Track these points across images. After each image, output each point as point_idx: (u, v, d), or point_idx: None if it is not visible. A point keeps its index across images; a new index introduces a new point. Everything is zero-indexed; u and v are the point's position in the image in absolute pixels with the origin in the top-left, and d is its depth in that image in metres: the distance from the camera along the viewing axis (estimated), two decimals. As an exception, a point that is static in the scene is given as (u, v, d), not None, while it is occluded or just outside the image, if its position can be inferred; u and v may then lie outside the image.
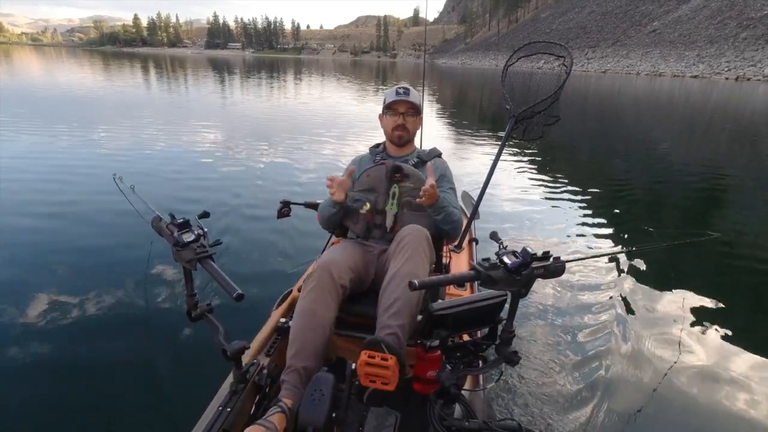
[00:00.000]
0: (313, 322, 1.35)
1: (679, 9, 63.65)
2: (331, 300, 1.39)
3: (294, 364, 1.30)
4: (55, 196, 4.20)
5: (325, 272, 1.41)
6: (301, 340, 1.33)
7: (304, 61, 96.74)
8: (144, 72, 27.44)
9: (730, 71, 40.48)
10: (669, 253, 3.41)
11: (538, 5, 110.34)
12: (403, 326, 1.29)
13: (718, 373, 2.11)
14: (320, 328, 1.35)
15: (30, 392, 1.84)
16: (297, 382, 1.28)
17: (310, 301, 1.38)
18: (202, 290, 2.51)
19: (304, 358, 1.31)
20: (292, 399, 1.23)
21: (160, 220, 1.17)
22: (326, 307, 1.38)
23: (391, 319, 1.29)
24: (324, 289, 1.39)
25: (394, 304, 1.31)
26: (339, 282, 1.42)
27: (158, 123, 8.63)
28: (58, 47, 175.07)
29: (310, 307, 1.37)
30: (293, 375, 1.29)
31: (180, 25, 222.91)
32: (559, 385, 1.94)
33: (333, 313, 1.40)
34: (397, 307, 1.30)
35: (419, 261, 1.40)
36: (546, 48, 2.10)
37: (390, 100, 1.72)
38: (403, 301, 1.31)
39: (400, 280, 1.34)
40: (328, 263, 1.44)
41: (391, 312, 1.30)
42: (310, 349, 1.32)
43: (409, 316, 1.32)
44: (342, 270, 1.45)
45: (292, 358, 1.31)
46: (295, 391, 1.26)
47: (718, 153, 8.36)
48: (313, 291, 1.39)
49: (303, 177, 5.29)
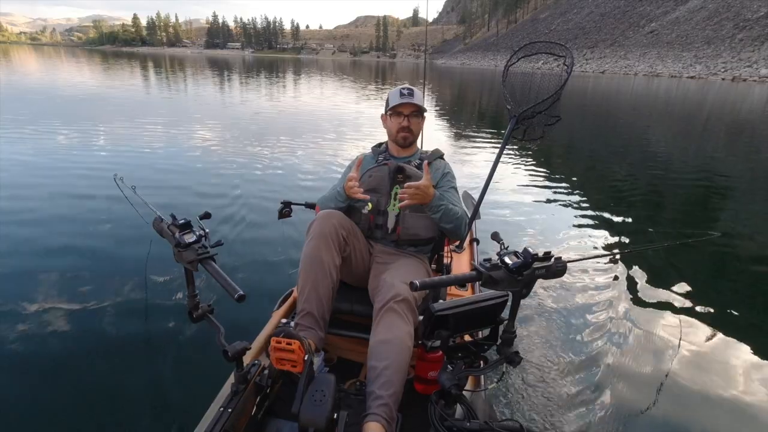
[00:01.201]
0: (320, 268, 1.41)
1: (677, 10, 63.86)
2: (333, 247, 1.46)
3: (306, 307, 1.39)
4: (55, 197, 4.19)
5: (327, 221, 1.48)
6: (312, 287, 1.40)
7: (303, 61, 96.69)
8: (144, 72, 27.41)
9: (727, 72, 40.69)
10: (670, 253, 3.41)
11: (537, 6, 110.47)
12: (394, 394, 1.23)
13: (719, 372, 2.12)
14: (327, 276, 1.42)
15: (30, 393, 1.84)
16: (313, 323, 1.37)
17: (315, 247, 1.44)
18: (204, 291, 2.51)
19: (314, 302, 1.39)
20: (310, 338, 1.30)
21: (161, 221, 1.17)
22: (329, 252, 1.44)
23: (382, 389, 1.21)
24: (326, 234, 1.45)
25: (383, 373, 1.24)
26: (340, 231, 1.48)
27: (159, 123, 8.62)
28: (57, 47, 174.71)
29: (316, 252, 1.43)
30: (308, 318, 1.38)
31: (179, 24, 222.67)
32: (561, 386, 1.94)
33: (337, 260, 1.46)
34: (387, 376, 1.23)
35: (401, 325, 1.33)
36: (547, 48, 2.10)
37: (394, 103, 1.69)
38: (392, 369, 1.25)
39: (385, 346, 1.28)
40: (328, 213, 1.52)
41: (381, 381, 1.23)
42: (320, 293, 1.40)
43: (399, 382, 1.25)
44: (342, 222, 1.52)
45: (305, 303, 1.39)
46: (312, 332, 1.35)
47: (716, 153, 8.37)
48: (316, 237, 1.45)
49: (304, 177, 5.28)
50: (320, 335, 1.39)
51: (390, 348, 1.28)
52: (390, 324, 1.33)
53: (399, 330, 1.32)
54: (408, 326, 1.35)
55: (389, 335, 1.30)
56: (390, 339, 1.29)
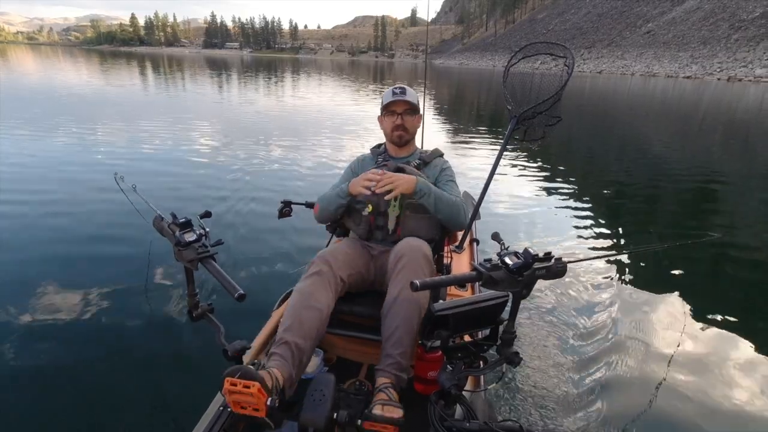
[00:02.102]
0: (309, 302, 1.33)
1: (673, 11, 64.12)
2: (330, 289, 1.40)
3: (285, 337, 1.24)
4: (56, 196, 4.18)
5: (325, 263, 1.43)
6: (296, 317, 1.29)
7: (301, 61, 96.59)
8: (142, 71, 27.34)
9: (722, 72, 40.93)
10: (670, 254, 3.42)
11: (535, 6, 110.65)
12: (404, 353, 1.31)
13: (719, 373, 2.12)
14: (316, 310, 1.32)
15: (30, 393, 1.83)
16: (287, 356, 1.21)
17: (310, 284, 1.38)
18: (204, 290, 2.51)
19: (297, 334, 1.25)
20: (279, 371, 1.16)
21: (161, 220, 1.17)
22: (324, 293, 1.37)
23: (393, 348, 1.31)
24: (323, 277, 1.40)
25: (395, 333, 1.32)
26: (339, 274, 1.43)
27: (159, 122, 8.60)
28: (55, 46, 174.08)
29: (309, 289, 1.37)
30: (284, 348, 1.22)
31: (177, 24, 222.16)
32: (561, 386, 1.95)
33: (331, 302, 1.39)
34: (398, 336, 1.31)
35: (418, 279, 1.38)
36: (547, 48, 2.10)
37: (387, 101, 1.71)
38: (404, 329, 1.32)
39: (400, 306, 1.34)
40: (327, 255, 1.46)
41: (393, 340, 1.31)
42: (305, 328, 1.28)
43: (410, 343, 1.33)
44: (342, 263, 1.46)
45: (284, 332, 1.26)
46: (283, 364, 1.18)
47: (713, 153, 8.41)
48: (312, 277, 1.40)
49: (304, 177, 5.28)
50: (291, 371, 1.20)
51: (402, 308, 1.34)
52: (406, 280, 1.36)
53: None
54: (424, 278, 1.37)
55: (405, 293, 1.35)
56: (403, 299, 1.34)
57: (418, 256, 1.42)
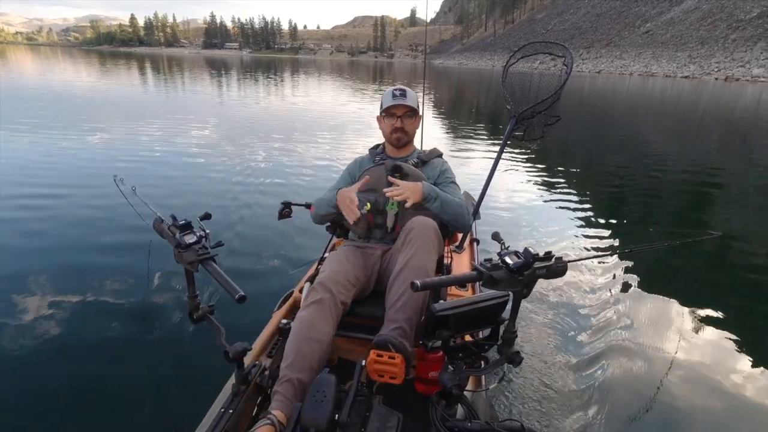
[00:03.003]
0: (310, 333, 1.32)
1: (672, 11, 64.22)
2: (331, 317, 1.38)
3: (288, 374, 1.26)
4: (55, 198, 4.17)
5: (326, 291, 1.40)
6: (297, 351, 1.29)
7: (301, 61, 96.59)
8: (142, 72, 27.33)
9: (720, 72, 41.05)
10: (669, 253, 3.42)
11: (534, 6, 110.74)
12: (409, 319, 1.32)
13: (719, 372, 2.12)
14: (317, 342, 1.32)
15: (29, 395, 1.83)
16: (290, 395, 1.24)
17: (309, 314, 1.36)
18: (204, 292, 2.50)
19: (299, 369, 1.27)
20: (283, 411, 1.19)
21: (161, 222, 1.17)
22: (325, 322, 1.36)
23: (398, 313, 1.32)
24: (324, 305, 1.38)
25: (400, 299, 1.34)
26: (339, 299, 1.41)
27: (158, 124, 8.59)
28: (54, 47, 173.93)
29: (309, 319, 1.35)
30: (287, 386, 1.25)
31: (177, 24, 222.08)
32: (562, 385, 1.95)
33: (331, 330, 1.38)
34: (404, 301, 1.33)
35: (427, 254, 1.40)
36: (546, 48, 2.10)
37: (387, 105, 1.71)
38: (409, 296, 1.34)
39: (407, 274, 1.35)
40: (328, 281, 1.42)
41: (398, 306, 1.33)
42: (306, 361, 1.28)
43: (415, 310, 1.34)
44: (343, 286, 1.44)
45: (286, 369, 1.28)
46: (286, 404, 1.22)
47: (711, 152, 8.42)
48: (313, 306, 1.37)
49: (304, 177, 5.28)
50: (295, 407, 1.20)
51: (412, 274, 1.34)
52: (415, 249, 1.37)
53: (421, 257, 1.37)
54: (431, 254, 1.41)
55: (413, 261, 1.36)
56: (413, 265, 1.35)
57: (428, 230, 1.44)
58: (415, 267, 1.35)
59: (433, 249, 1.43)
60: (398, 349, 1.18)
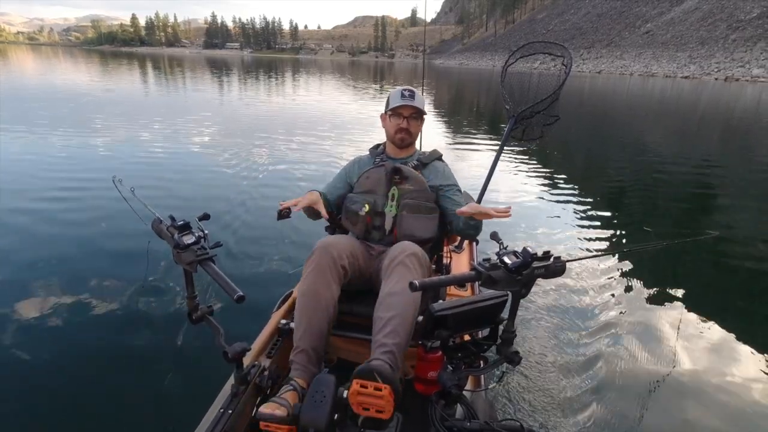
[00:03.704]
0: (316, 303, 1.37)
1: (672, 11, 64.17)
2: (332, 280, 1.42)
3: (302, 345, 1.34)
4: (54, 199, 4.18)
5: (325, 253, 1.44)
6: (307, 322, 1.36)
7: (302, 61, 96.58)
8: (142, 72, 27.34)
9: (720, 72, 41.04)
10: (669, 252, 3.42)
11: (535, 6, 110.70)
12: (399, 344, 1.25)
13: (719, 372, 2.12)
14: (324, 310, 1.37)
15: (29, 395, 1.83)
16: (306, 362, 1.32)
17: (312, 282, 1.40)
18: (203, 292, 2.51)
19: (312, 338, 1.34)
20: (304, 378, 1.27)
21: (160, 223, 1.17)
22: (327, 287, 1.40)
23: (387, 337, 1.24)
24: (324, 269, 1.41)
25: (389, 323, 1.26)
26: (339, 263, 1.44)
27: (158, 125, 8.60)
28: (56, 47, 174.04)
29: (313, 287, 1.39)
30: (302, 355, 1.33)
31: (178, 24, 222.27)
32: (561, 385, 1.95)
33: (335, 293, 1.42)
34: (393, 326, 1.26)
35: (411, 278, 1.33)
36: (545, 48, 2.10)
37: (395, 104, 1.69)
38: (398, 319, 1.27)
39: (393, 297, 1.31)
40: (327, 244, 1.47)
41: (387, 331, 1.25)
42: (315, 330, 1.35)
43: (405, 334, 1.28)
44: (342, 251, 1.47)
45: (300, 339, 1.35)
46: (306, 370, 1.30)
47: (711, 152, 8.42)
48: (314, 272, 1.41)
49: (303, 178, 5.28)
50: (313, 371, 1.33)
51: (398, 300, 1.31)
52: (399, 277, 1.35)
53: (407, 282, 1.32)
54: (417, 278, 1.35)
55: (397, 287, 1.33)
56: (399, 291, 1.32)
57: (412, 258, 1.39)
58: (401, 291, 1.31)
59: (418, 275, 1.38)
60: (386, 379, 1.02)
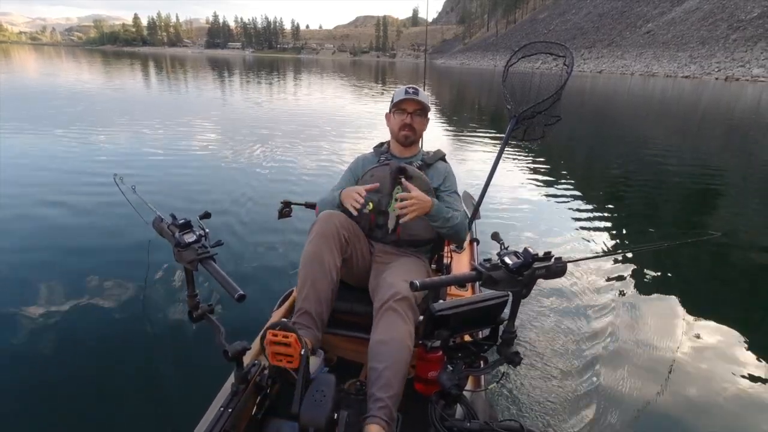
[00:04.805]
0: (320, 266, 1.41)
1: (673, 11, 64.04)
2: (335, 247, 1.46)
3: (305, 306, 1.37)
4: (55, 197, 4.18)
5: (329, 221, 1.48)
6: (310, 285, 1.39)
7: (303, 61, 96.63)
8: (145, 71, 27.39)
9: (720, 71, 40.99)
10: (671, 253, 3.42)
11: (536, 6, 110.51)
12: (393, 396, 1.22)
13: (720, 372, 2.12)
14: (327, 274, 1.41)
15: (29, 394, 1.84)
16: (309, 322, 1.35)
17: (315, 246, 1.44)
18: (204, 291, 2.51)
19: (313, 301, 1.38)
20: (309, 338, 1.30)
21: (161, 221, 1.17)
22: (331, 254, 1.44)
23: (380, 391, 1.21)
24: (328, 235, 1.45)
25: (382, 375, 1.23)
26: (341, 232, 1.48)
27: (159, 123, 8.61)
28: (58, 47, 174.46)
29: (316, 252, 1.43)
30: (305, 317, 1.36)
31: (180, 24, 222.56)
32: (561, 385, 1.95)
33: (338, 261, 1.46)
34: (386, 378, 1.23)
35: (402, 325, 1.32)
36: (547, 48, 2.09)
37: (398, 99, 1.69)
38: (391, 370, 1.24)
39: (384, 347, 1.27)
40: (330, 214, 1.51)
41: (381, 384, 1.22)
42: (319, 293, 1.39)
43: (399, 384, 1.24)
44: (344, 222, 1.52)
45: (303, 301, 1.38)
46: (309, 331, 1.33)
47: (712, 152, 8.41)
48: (318, 237, 1.45)
49: (304, 177, 5.28)
50: (317, 335, 1.37)
51: (389, 349, 1.27)
52: (389, 324, 1.31)
53: (398, 330, 1.30)
54: (408, 325, 1.33)
55: (388, 336, 1.29)
56: (389, 339, 1.28)
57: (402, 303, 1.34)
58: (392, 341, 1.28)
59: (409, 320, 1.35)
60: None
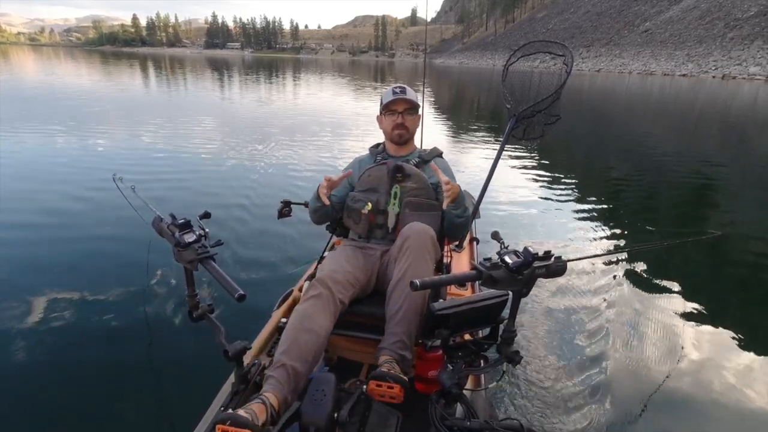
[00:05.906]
0: (308, 325, 1.31)
1: (670, 10, 64.13)
2: (329, 312, 1.38)
3: (282, 360, 1.24)
4: (55, 197, 4.18)
5: (325, 287, 1.40)
6: (293, 340, 1.28)
7: (302, 60, 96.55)
8: (144, 72, 27.35)
9: (717, 70, 41.13)
10: (671, 252, 3.42)
11: (535, 5, 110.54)
12: (409, 332, 1.35)
13: (720, 372, 2.12)
14: (314, 334, 1.31)
15: (30, 393, 1.83)
16: (283, 379, 1.21)
17: (309, 306, 1.36)
18: (204, 291, 2.51)
19: (294, 357, 1.25)
20: (275, 395, 1.16)
21: (161, 221, 1.17)
22: (324, 315, 1.36)
23: (397, 326, 1.34)
24: (323, 300, 1.38)
25: (399, 311, 1.36)
26: (338, 297, 1.41)
27: (159, 123, 8.61)
28: (57, 47, 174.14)
29: (307, 311, 1.35)
30: (280, 371, 1.22)
31: (179, 24, 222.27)
32: (561, 384, 1.95)
33: (329, 325, 1.37)
34: (403, 313, 1.35)
35: (423, 263, 1.41)
36: (546, 47, 2.09)
37: (387, 100, 1.71)
38: (408, 307, 1.35)
39: (405, 285, 1.36)
40: (327, 279, 1.42)
41: (398, 319, 1.35)
42: (302, 350, 1.27)
43: (415, 321, 1.36)
44: (342, 285, 1.44)
45: (281, 355, 1.25)
46: (279, 387, 1.19)
47: (710, 150, 8.42)
48: (312, 299, 1.38)
49: (304, 177, 5.28)
50: (286, 395, 1.19)
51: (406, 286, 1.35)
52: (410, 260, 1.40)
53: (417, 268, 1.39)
54: (427, 264, 1.42)
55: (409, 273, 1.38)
56: (409, 275, 1.36)
57: (425, 238, 1.45)
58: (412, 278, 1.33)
59: (430, 258, 1.44)
60: (395, 380, 1.19)
